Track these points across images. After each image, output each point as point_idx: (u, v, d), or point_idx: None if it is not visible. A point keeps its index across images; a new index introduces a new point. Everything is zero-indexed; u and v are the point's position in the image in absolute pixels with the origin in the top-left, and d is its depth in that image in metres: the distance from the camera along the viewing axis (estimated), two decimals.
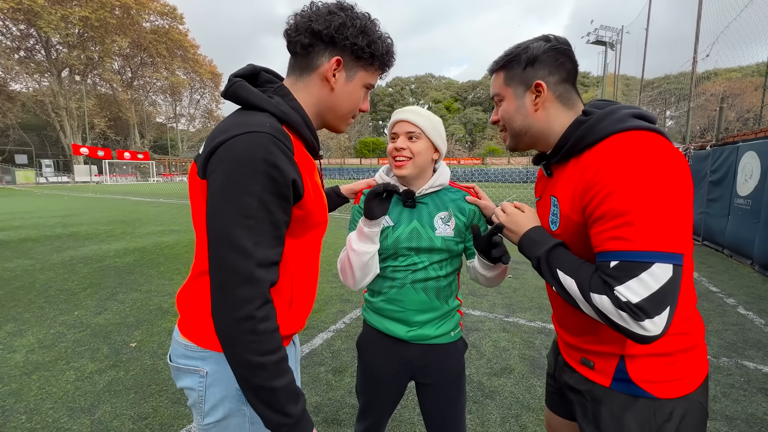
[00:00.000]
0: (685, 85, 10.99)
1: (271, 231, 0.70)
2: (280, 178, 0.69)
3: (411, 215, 1.20)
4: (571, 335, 0.94)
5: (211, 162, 0.69)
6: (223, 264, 0.67)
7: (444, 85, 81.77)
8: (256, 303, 0.67)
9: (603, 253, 0.72)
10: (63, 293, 4.10)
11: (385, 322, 1.23)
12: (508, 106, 0.91)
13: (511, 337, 3.14)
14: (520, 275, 4.90)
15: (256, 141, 0.67)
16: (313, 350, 2.88)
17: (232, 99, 0.78)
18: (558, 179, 0.89)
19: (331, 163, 56.61)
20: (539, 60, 0.85)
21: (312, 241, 0.89)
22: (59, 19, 34.64)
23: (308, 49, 0.80)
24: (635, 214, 0.67)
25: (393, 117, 1.20)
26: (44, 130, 43.22)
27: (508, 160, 47.01)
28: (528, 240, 0.89)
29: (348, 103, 0.86)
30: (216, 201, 0.68)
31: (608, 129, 0.76)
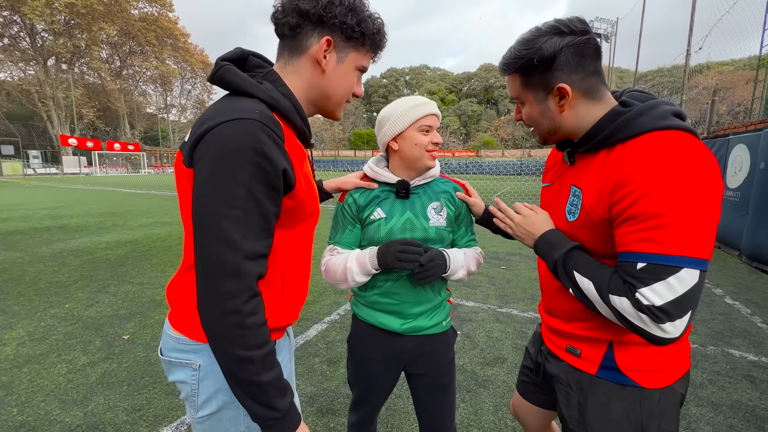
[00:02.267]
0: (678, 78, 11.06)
1: (259, 222, 0.68)
2: (269, 167, 0.66)
3: (404, 206, 1.20)
4: (560, 321, 0.94)
5: (198, 150, 0.67)
6: (210, 256, 0.65)
7: (439, 77, 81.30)
8: (242, 297, 0.66)
9: (630, 253, 0.70)
10: (53, 286, 4.05)
11: (379, 315, 1.22)
12: (531, 111, 0.86)
13: (504, 327, 3.18)
14: (513, 266, 4.94)
15: (245, 128, 0.65)
16: (308, 341, 2.89)
17: (219, 84, 0.75)
18: (583, 169, 0.85)
19: (326, 155, 56.25)
20: (556, 62, 0.77)
21: (304, 231, 0.87)
22: (44, 6, 33.62)
23: (296, 30, 0.77)
24: (670, 217, 0.65)
25: (422, 109, 1.14)
26: (31, 120, 42.19)
27: (503, 152, 47.12)
28: (544, 243, 0.87)
29: (341, 87, 0.83)
30: (202, 191, 0.65)
31: (647, 125, 0.73)
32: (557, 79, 0.79)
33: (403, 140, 1.16)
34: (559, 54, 0.77)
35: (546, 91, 0.81)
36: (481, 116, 70.00)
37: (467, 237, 1.29)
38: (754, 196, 5.13)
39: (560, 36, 0.77)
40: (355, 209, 1.21)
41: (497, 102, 72.19)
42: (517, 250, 5.83)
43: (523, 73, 0.82)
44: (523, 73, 0.82)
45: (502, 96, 71.28)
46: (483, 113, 70.62)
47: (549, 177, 1.02)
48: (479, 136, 63.70)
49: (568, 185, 0.89)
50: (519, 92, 0.86)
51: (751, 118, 8.09)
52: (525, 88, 0.84)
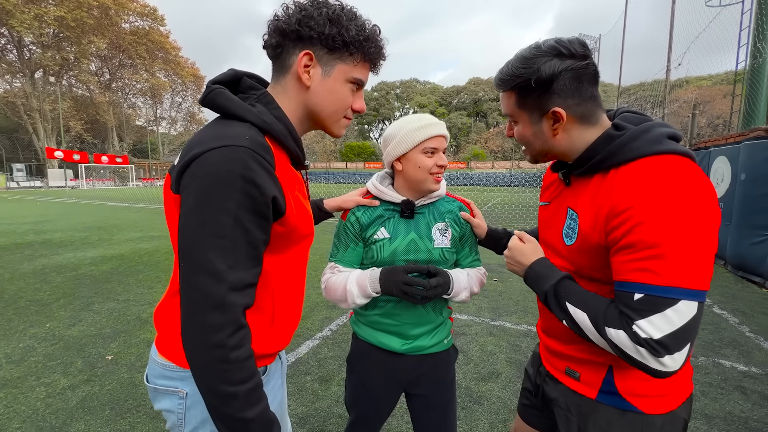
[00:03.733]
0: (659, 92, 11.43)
1: (247, 251, 0.66)
2: (258, 195, 0.65)
3: (408, 227, 1.17)
4: (558, 342, 0.93)
5: (185, 176, 0.65)
6: (194, 288, 0.63)
7: (429, 90, 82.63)
8: (227, 330, 0.63)
9: (626, 283, 0.68)
10: (34, 304, 3.91)
11: (379, 335, 1.20)
12: (524, 131, 0.85)
13: (498, 341, 3.16)
14: (505, 278, 4.95)
15: (234, 155, 0.63)
16: (299, 359, 2.83)
17: (211, 107, 0.73)
18: (578, 192, 0.83)
19: (317, 167, 56.28)
20: (554, 85, 0.75)
21: (296, 255, 0.85)
22: (32, 19, 33.41)
23: (278, 49, 0.76)
24: (667, 247, 0.63)
25: (427, 130, 1.11)
26: (16, 132, 41.43)
27: (492, 164, 47.75)
28: (533, 273, 0.86)
29: (330, 102, 0.79)
30: (188, 219, 0.64)
31: (642, 150, 0.71)
32: (553, 103, 0.77)
33: (407, 162, 1.14)
34: (558, 78, 0.75)
35: (540, 113, 0.80)
36: (471, 129, 71.08)
37: (471, 257, 1.27)
38: (737, 206, 5.27)
39: (560, 59, 0.75)
40: (358, 228, 1.19)
41: (486, 115, 73.51)
42: None
43: (519, 92, 0.80)
44: (519, 92, 0.80)
45: (491, 109, 72.63)
46: (473, 126, 71.76)
47: (546, 196, 1.00)
48: (469, 148, 64.58)
49: (565, 207, 0.88)
50: (513, 110, 0.84)
51: (731, 130, 8.37)
52: (519, 108, 0.83)
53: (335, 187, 26.31)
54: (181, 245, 0.64)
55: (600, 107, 0.81)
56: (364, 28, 0.77)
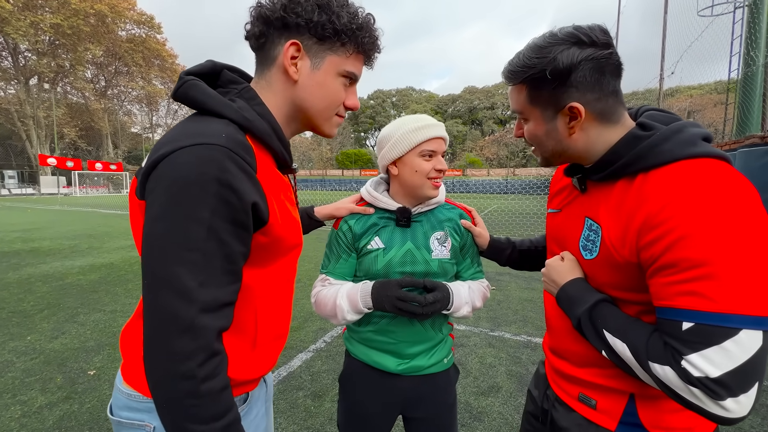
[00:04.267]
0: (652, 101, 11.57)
1: (223, 266, 0.58)
2: (236, 201, 0.57)
3: (404, 236, 1.08)
4: (570, 365, 0.84)
5: (150, 179, 0.57)
6: (159, 309, 0.54)
7: (425, 98, 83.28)
8: (197, 358, 0.54)
9: (670, 309, 0.58)
10: (16, 315, 3.76)
11: (373, 354, 1.11)
12: (536, 129, 0.75)
13: (497, 352, 3.06)
14: (503, 287, 4.86)
15: (208, 155, 0.55)
16: (291, 373, 2.71)
17: (184, 101, 0.65)
18: (598, 199, 0.74)
19: (313, 174, 56.25)
20: (572, 76, 0.66)
21: (282, 268, 0.77)
22: (28, 26, 33.39)
23: (261, 39, 0.68)
24: (718, 265, 0.54)
25: (425, 132, 1.02)
26: (9, 139, 41.07)
27: (488, 171, 48.01)
28: (564, 296, 0.76)
29: (320, 97, 0.71)
30: (153, 229, 0.55)
31: (676, 152, 0.62)
32: (570, 98, 0.68)
33: (403, 165, 1.06)
34: (576, 68, 0.65)
35: (555, 109, 0.71)
36: (467, 136, 71.55)
37: (473, 269, 1.18)
38: None
39: (579, 47, 0.66)
40: (350, 237, 1.11)
41: (481, 123, 74.10)
42: (507, 269, 5.77)
43: (532, 85, 0.71)
44: (532, 85, 0.71)
45: (486, 117, 73.26)
46: (468, 133, 72.27)
47: (556, 203, 0.91)
48: (465, 155, 64.97)
49: (581, 216, 0.78)
50: (523, 106, 0.75)
51: (724, 138, 8.43)
52: (531, 103, 0.73)
53: (331, 194, 26.21)
54: (144, 259, 0.56)
55: (622, 104, 0.72)
56: (357, 16, 0.70)
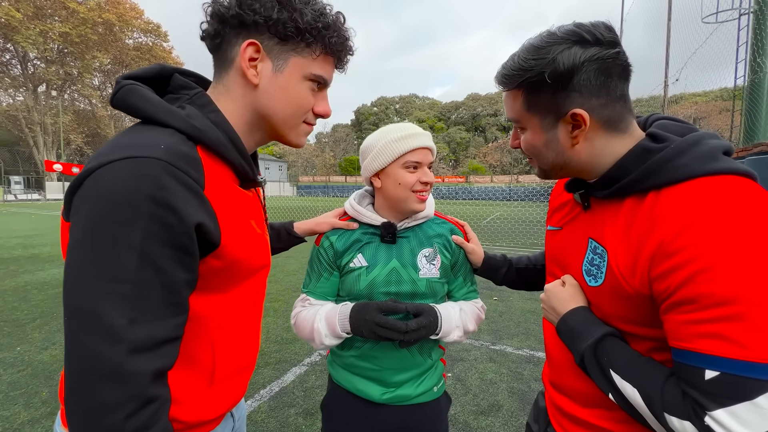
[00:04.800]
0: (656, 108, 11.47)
1: (162, 297, 0.50)
2: (175, 222, 0.49)
3: (389, 253, 1.00)
4: (573, 404, 0.74)
5: (75, 199, 0.50)
6: (81, 352, 0.47)
7: (428, 105, 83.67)
8: (125, 409, 0.47)
9: (691, 353, 0.50)
10: (8, 324, 3.70)
11: (356, 381, 1.02)
12: (534, 139, 0.67)
13: (498, 367, 2.95)
14: (505, 298, 4.75)
15: (140, 170, 0.48)
16: (284, 388, 2.61)
17: (123, 109, 0.58)
18: (603, 219, 0.66)
19: (316, 180, 56.41)
20: (574, 78, 0.59)
21: (245, 293, 0.69)
22: (38, 34, 33.99)
23: (216, 39, 0.62)
24: (749, 304, 0.46)
25: (408, 142, 0.95)
26: (16, 145, 41.62)
27: (491, 178, 47.92)
28: (565, 327, 0.69)
29: (284, 103, 0.64)
30: (74, 257, 0.48)
31: (694, 168, 0.55)
32: (573, 103, 0.61)
33: (386, 177, 0.99)
34: (579, 70, 0.58)
35: (556, 117, 0.63)
36: (470, 143, 71.60)
37: (466, 288, 1.10)
38: None
39: (582, 46, 0.59)
40: (332, 254, 1.03)
41: (485, 130, 74.13)
42: None
43: (529, 90, 0.64)
44: (529, 90, 0.64)
45: (489, 124, 73.30)
46: (471, 140, 72.34)
47: (556, 220, 0.83)
48: (468, 162, 64.94)
49: (584, 237, 0.70)
50: (520, 114, 0.67)
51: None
52: (529, 110, 0.65)
53: (334, 201, 26.16)
54: (64, 293, 0.48)
55: (631, 111, 0.64)
56: (324, 14, 0.63)
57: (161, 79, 0.64)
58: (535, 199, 20.62)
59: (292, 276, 5.70)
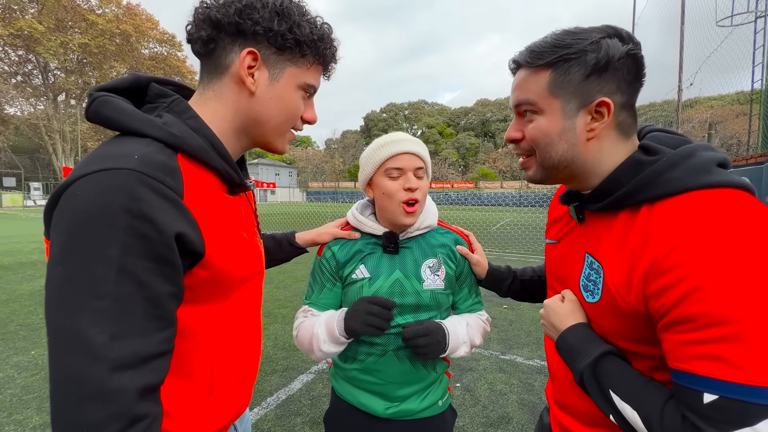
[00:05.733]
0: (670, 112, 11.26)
1: (145, 311, 0.49)
2: (153, 233, 0.49)
3: (392, 264, 0.99)
4: (577, 423, 0.72)
5: (54, 216, 0.50)
6: (62, 371, 0.46)
7: (437, 111, 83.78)
8: (112, 428, 0.46)
9: (688, 375, 0.48)
10: (23, 329, 3.78)
11: (360, 395, 1.00)
12: (549, 126, 0.62)
13: (508, 378, 2.89)
14: (516, 305, 4.67)
15: (113, 182, 0.48)
16: (291, 396, 2.60)
17: (97, 121, 0.57)
18: (598, 233, 0.65)
19: (325, 186, 56.78)
20: (612, 68, 0.57)
21: (239, 302, 0.68)
22: (58, 46, 35.22)
23: (210, 45, 0.62)
24: (745, 324, 0.44)
25: (393, 147, 0.94)
26: (36, 152, 43.00)
27: (501, 184, 47.58)
28: (564, 344, 0.67)
29: (278, 110, 0.65)
30: (52, 275, 0.47)
31: (686, 181, 0.53)
32: (603, 92, 0.58)
33: (375, 188, 0.99)
34: (619, 60, 0.57)
35: (581, 103, 0.60)
36: (479, 149, 71.39)
37: (471, 300, 1.08)
38: None
39: (621, 41, 0.58)
40: (334, 265, 1.02)
41: (494, 135, 73.85)
42: None
43: (561, 69, 0.60)
44: (561, 69, 0.60)
45: (498, 129, 73.01)
46: (481, 146, 72.12)
47: (553, 233, 0.82)
48: (477, 167, 64.66)
49: (580, 252, 0.69)
50: (541, 96, 0.62)
51: (749, 151, 8.09)
52: (554, 92, 0.61)
53: (343, 207, 26.25)
54: (45, 310, 0.48)
55: (636, 120, 0.63)
56: (318, 26, 0.65)
57: (137, 89, 0.64)
58: (545, 206, 20.39)
59: (301, 282, 5.71)
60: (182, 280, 0.55)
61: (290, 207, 25.11)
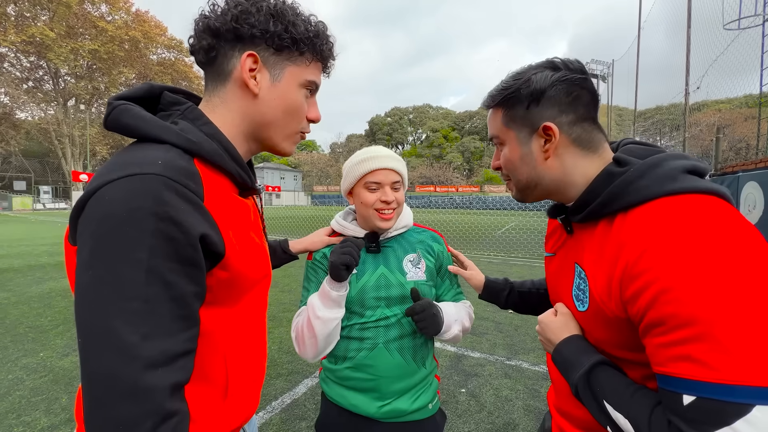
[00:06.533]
0: (677, 115, 11.17)
1: (172, 311, 0.50)
2: (179, 235, 0.50)
3: (376, 261, 1.07)
4: (578, 430, 0.73)
5: (80, 222, 0.51)
6: (97, 371, 0.47)
7: (441, 115, 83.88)
8: (145, 425, 0.47)
9: (668, 378, 0.49)
10: (33, 331, 3.82)
11: (350, 395, 1.02)
12: (511, 154, 0.73)
13: (514, 384, 2.87)
14: None
15: (141, 187, 0.49)
16: (296, 400, 2.60)
17: (117, 129, 0.59)
18: (583, 243, 0.68)
19: (330, 190, 57.00)
20: (546, 96, 0.67)
21: (251, 303, 0.70)
22: (69, 52, 35.93)
23: (211, 53, 0.63)
24: (713, 324, 0.45)
25: (367, 164, 1.03)
26: (46, 156, 43.74)
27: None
28: (559, 357, 0.69)
29: (283, 110, 0.67)
30: (83, 279, 0.48)
31: (652, 190, 0.56)
32: (543, 117, 0.67)
33: (355, 197, 1.08)
34: (550, 88, 0.66)
35: (530, 130, 0.69)
36: (484, 152, 71.26)
37: (453, 290, 1.16)
38: None
39: (553, 70, 0.67)
40: (326, 264, 1.08)
41: None
42: None
43: (507, 106, 0.71)
44: (507, 106, 0.71)
45: None
46: (485, 149, 72.01)
47: (550, 245, 0.86)
48: (482, 171, 64.53)
49: (571, 262, 0.72)
50: (500, 129, 0.74)
51: (758, 155, 8.00)
52: (507, 125, 0.72)
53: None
54: (77, 315, 0.49)
55: (602, 133, 0.69)
56: (312, 24, 0.66)
57: (151, 98, 0.66)
58: None
59: None
60: (205, 280, 0.56)
61: (295, 210, 25.26)
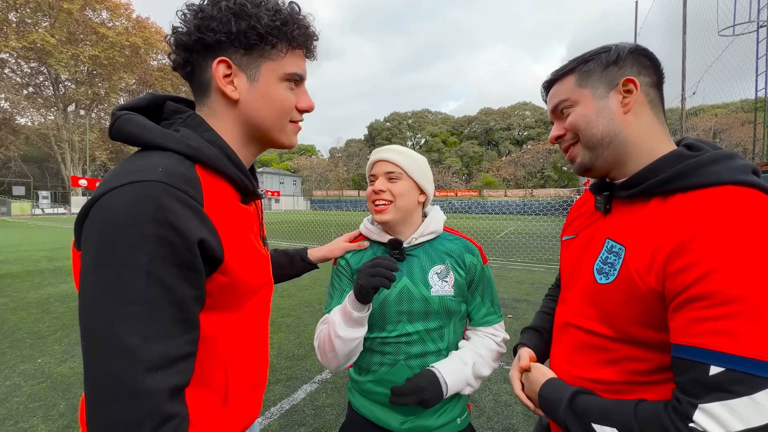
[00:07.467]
0: (674, 120, 11.24)
1: (172, 315, 0.52)
2: (178, 240, 0.51)
3: (399, 271, 0.99)
4: None
5: (84, 228, 0.52)
6: (98, 373, 0.48)
7: (440, 120, 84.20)
8: (146, 426, 0.48)
9: (697, 350, 0.52)
10: (30, 336, 3.81)
11: (375, 408, 1.01)
12: (585, 110, 0.70)
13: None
14: (520, 315, 4.64)
15: (141, 194, 0.50)
16: (294, 406, 2.59)
17: (120, 139, 0.60)
18: (624, 219, 0.69)
19: (330, 194, 57.05)
20: (625, 58, 0.68)
21: (253, 310, 0.70)
22: (69, 58, 36.05)
23: (187, 67, 0.64)
24: (753, 302, 0.49)
25: (372, 158, 1.06)
26: (46, 162, 43.75)
27: (505, 192, 47.54)
28: (544, 401, 0.73)
29: (268, 109, 0.66)
30: (86, 283, 0.50)
31: (722, 176, 0.59)
32: (624, 74, 0.68)
33: None
34: (630, 53, 0.68)
35: (608, 86, 0.69)
36: (483, 157, 71.46)
37: (485, 309, 1.06)
38: None
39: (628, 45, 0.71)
40: (349, 272, 1.06)
41: (498, 143, 73.99)
42: (524, 296, 5.54)
43: (582, 70, 0.71)
44: (582, 70, 0.71)
45: (502, 138, 73.20)
46: (484, 154, 72.22)
47: (572, 229, 0.86)
48: (481, 176, 64.68)
49: (601, 238, 0.73)
50: (570, 92, 0.72)
51: (755, 159, 8.05)
52: (581, 85, 0.71)
53: (347, 215, 26.34)
54: (80, 318, 0.50)
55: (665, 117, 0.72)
56: (279, 11, 0.64)
57: (154, 107, 0.67)
58: (550, 213, 20.31)
59: (305, 291, 5.72)
60: (204, 285, 0.57)
61: (294, 215, 25.22)
